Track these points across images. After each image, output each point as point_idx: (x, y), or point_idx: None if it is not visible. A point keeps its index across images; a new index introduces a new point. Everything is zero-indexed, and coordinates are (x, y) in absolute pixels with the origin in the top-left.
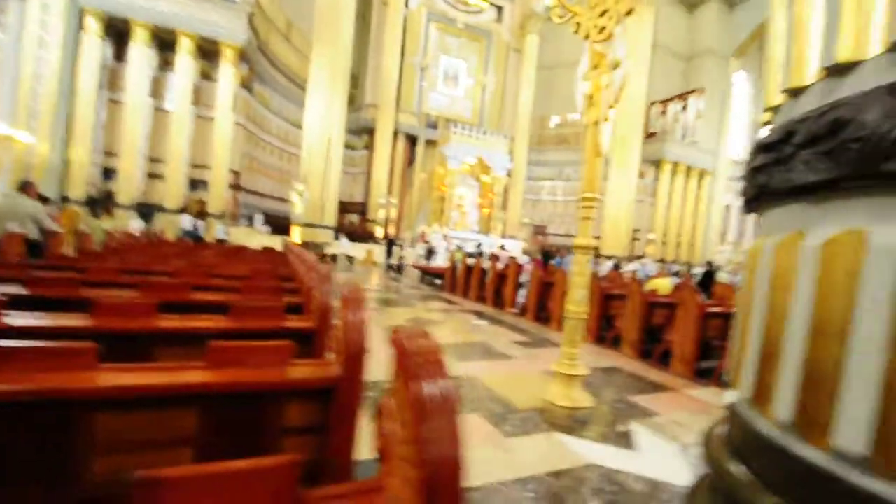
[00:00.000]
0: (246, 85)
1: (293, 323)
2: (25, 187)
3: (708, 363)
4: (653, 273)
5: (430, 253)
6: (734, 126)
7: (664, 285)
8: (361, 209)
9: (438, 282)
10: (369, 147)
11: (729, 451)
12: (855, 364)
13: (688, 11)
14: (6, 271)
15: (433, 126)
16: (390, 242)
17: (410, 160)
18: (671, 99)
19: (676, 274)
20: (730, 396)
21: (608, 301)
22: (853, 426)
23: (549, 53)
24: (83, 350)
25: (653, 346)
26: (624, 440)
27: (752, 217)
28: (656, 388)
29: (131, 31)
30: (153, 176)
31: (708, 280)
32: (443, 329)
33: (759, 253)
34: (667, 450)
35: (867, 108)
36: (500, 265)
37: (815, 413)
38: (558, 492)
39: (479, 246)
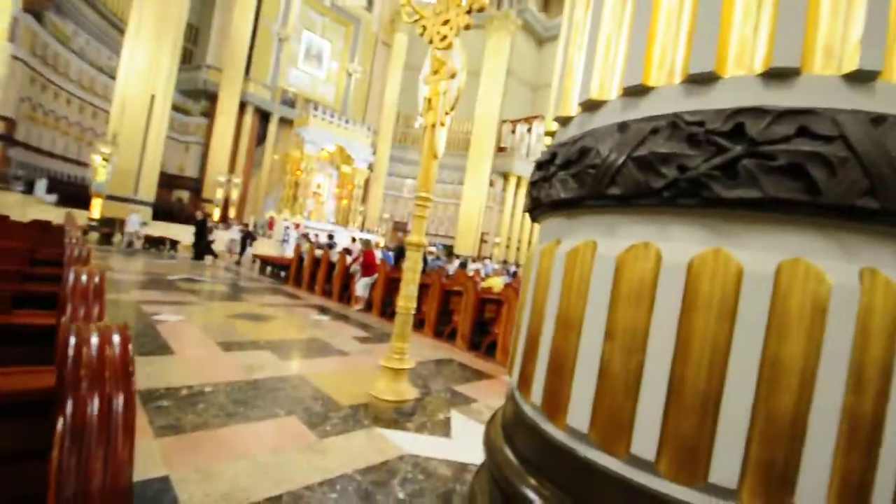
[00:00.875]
0: (32, 10)
1: (26, 319)
2: None
3: None
4: (492, 272)
5: (284, 242)
6: None
7: (497, 283)
8: (194, 185)
9: (284, 274)
10: (209, 115)
11: (503, 434)
12: (583, 353)
13: (537, 45)
14: None
15: (290, 104)
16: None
17: (260, 137)
18: (519, 120)
19: (514, 274)
20: (510, 384)
21: (448, 297)
22: (580, 407)
23: (418, 55)
24: None
25: (482, 339)
26: (442, 428)
27: None
28: (480, 376)
29: None
30: None
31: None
32: (277, 324)
33: (531, 257)
34: (478, 433)
35: (603, 140)
36: (350, 259)
37: (557, 396)
38: (367, 487)
39: (331, 237)
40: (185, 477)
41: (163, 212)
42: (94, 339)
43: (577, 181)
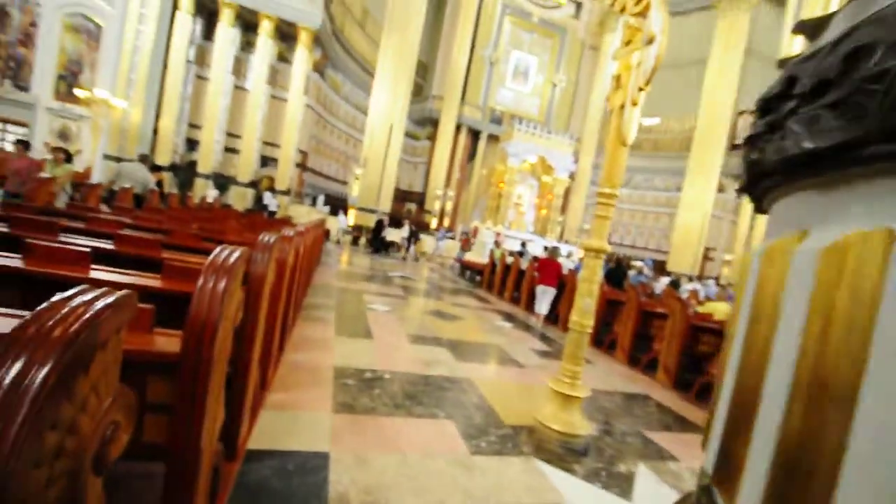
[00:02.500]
0: (318, 69)
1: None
2: (143, 159)
3: None
4: (712, 295)
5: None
6: None
7: (721, 309)
8: (419, 199)
9: (479, 279)
10: (432, 138)
11: None
12: (859, 446)
13: (781, 7)
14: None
15: (497, 121)
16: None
17: (472, 154)
18: None
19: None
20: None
21: (649, 319)
22: None
23: None
24: None
25: (693, 377)
26: (621, 483)
27: None
28: (685, 426)
29: (219, 11)
30: (230, 150)
31: None
32: (462, 325)
33: (746, 266)
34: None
35: None
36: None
37: None
38: None
39: (523, 245)
40: (341, 458)
41: (395, 220)
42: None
43: (843, 113)
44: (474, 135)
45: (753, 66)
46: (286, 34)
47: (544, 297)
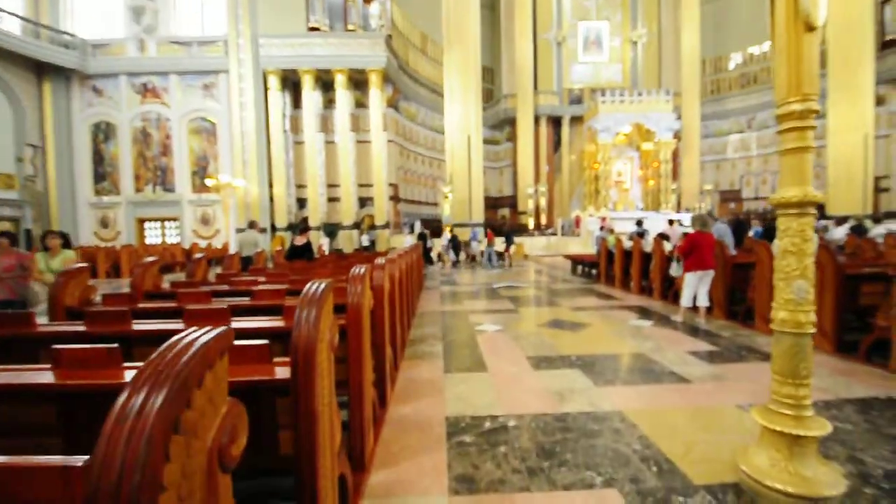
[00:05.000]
0: (392, 104)
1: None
2: (252, 224)
3: None
4: None
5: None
6: None
7: None
8: (511, 202)
9: (594, 272)
10: (511, 138)
11: None
12: None
13: None
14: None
15: (577, 101)
16: (418, 240)
17: (556, 144)
18: None
19: None
20: None
21: (856, 285)
22: None
23: None
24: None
25: None
26: None
27: None
28: None
29: (301, 80)
30: (332, 199)
31: None
32: (590, 334)
33: None
34: None
35: None
36: (669, 246)
37: None
38: None
39: (639, 224)
40: None
41: (493, 229)
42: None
43: None
44: (555, 122)
45: None
46: (358, 81)
47: (703, 283)
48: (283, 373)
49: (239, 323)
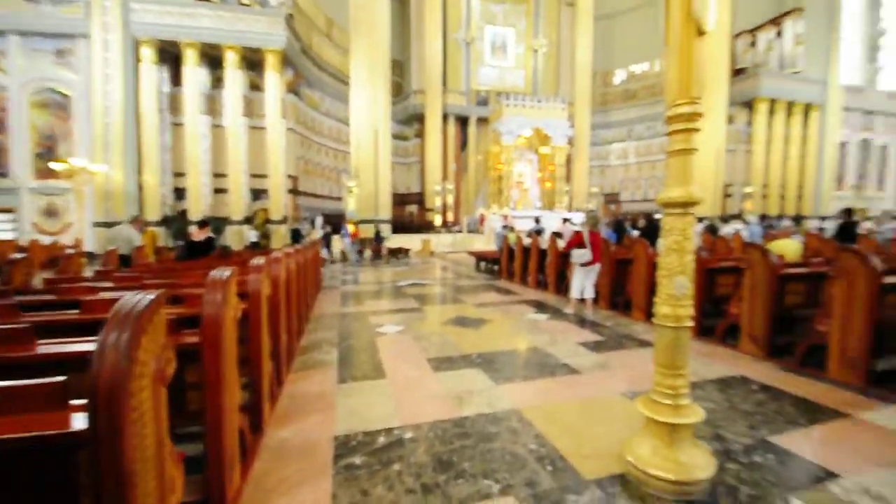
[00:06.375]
0: (293, 90)
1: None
2: (134, 220)
3: (887, 363)
4: (759, 234)
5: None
6: (845, 49)
7: (792, 248)
8: (419, 199)
9: (497, 268)
10: (420, 135)
11: None
12: None
13: None
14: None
15: (484, 103)
16: (296, 231)
17: (464, 142)
18: (761, 26)
19: (795, 231)
20: None
21: (713, 277)
22: None
23: (606, 1)
24: None
25: (791, 340)
26: None
27: (880, 152)
28: (810, 410)
29: (182, 54)
30: (218, 191)
31: (849, 234)
32: (491, 330)
33: None
34: None
35: None
36: (562, 243)
37: None
38: None
39: (537, 222)
40: None
41: (400, 226)
42: None
43: None
44: (462, 122)
45: None
46: (253, 62)
47: (589, 277)
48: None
49: (48, 347)
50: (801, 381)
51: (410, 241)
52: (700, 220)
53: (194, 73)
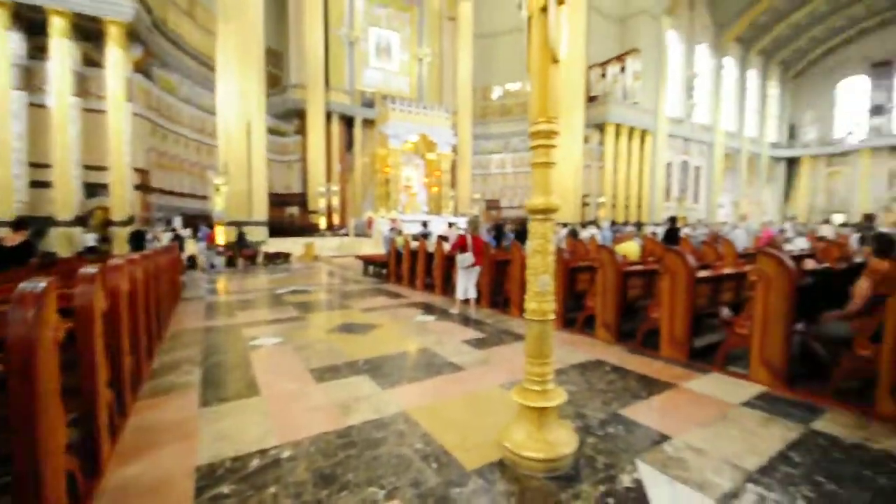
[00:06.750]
0: (142, 70)
1: None
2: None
3: (702, 340)
4: (610, 238)
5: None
6: (670, 85)
7: (632, 249)
8: (301, 200)
9: (385, 271)
10: (301, 132)
11: None
12: None
13: None
14: None
15: (369, 104)
16: (139, 235)
17: (349, 143)
18: (609, 61)
19: (635, 235)
20: None
21: (574, 275)
22: None
23: (486, 21)
24: None
25: (634, 326)
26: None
27: (694, 171)
28: (650, 385)
29: None
30: (38, 184)
31: (673, 237)
32: (379, 335)
33: None
34: None
35: None
36: (448, 247)
37: None
38: None
39: (425, 225)
40: None
41: (280, 229)
42: None
43: None
44: (347, 122)
45: (596, 22)
46: (90, 32)
47: (471, 278)
48: None
49: None
50: (642, 361)
51: (291, 246)
52: (564, 225)
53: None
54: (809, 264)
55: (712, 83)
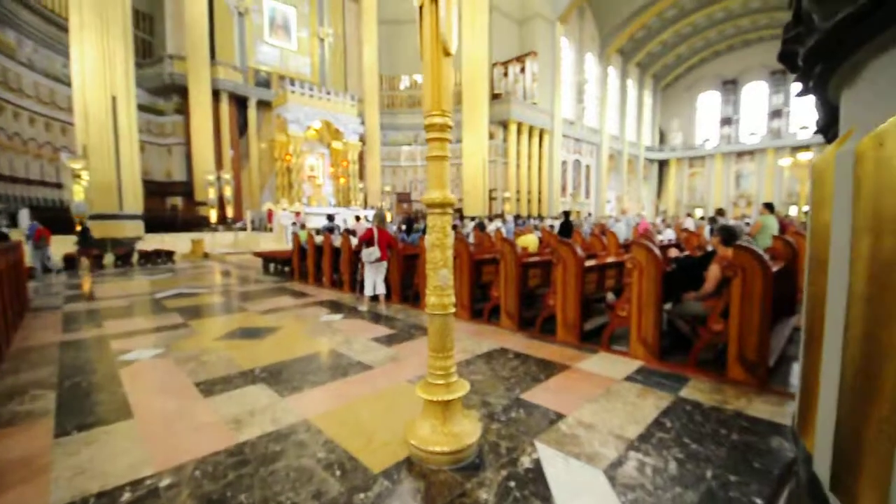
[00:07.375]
0: None
1: None
2: None
3: (592, 324)
4: (512, 231)
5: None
6: (564, 89)
7: (531, 242)
8: (186, 190)
9: (288, 269)
10: (183, 111)
11: None
12: None
13: None
14: None
15: (265, 84)
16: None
17: (242, 127)
18: (511, 61)
19: (535, 228)
20: None
21: (480, 267)
22: None
23: (392, 7)
24: None
25: (535, 314)
26: (535, 485)
27: (586, 170)
28: (547, 369)
29: None
30: None
31: (567, 230)
32: (279, 338)
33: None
34: (594, 485)
35: None
36: (355, 241)
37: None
38: None
39: (331, 219)
40: None
41: (160, 223)
42: None
43: None
44: (240, 102)
45: (498, 21)
46: None
47: (378, 273)
48: None
49: None
50: (541, 346)
51: (175, 242)
52: (472, 218)
53: None
54: (674, 252)
55: (599, 90)
